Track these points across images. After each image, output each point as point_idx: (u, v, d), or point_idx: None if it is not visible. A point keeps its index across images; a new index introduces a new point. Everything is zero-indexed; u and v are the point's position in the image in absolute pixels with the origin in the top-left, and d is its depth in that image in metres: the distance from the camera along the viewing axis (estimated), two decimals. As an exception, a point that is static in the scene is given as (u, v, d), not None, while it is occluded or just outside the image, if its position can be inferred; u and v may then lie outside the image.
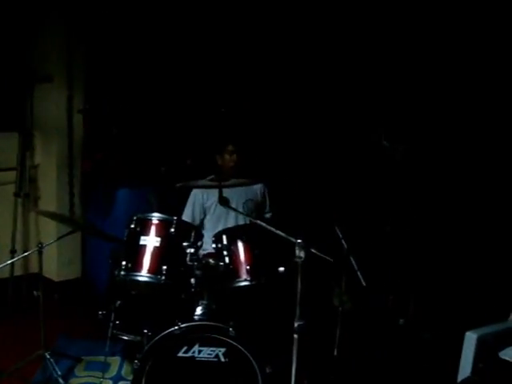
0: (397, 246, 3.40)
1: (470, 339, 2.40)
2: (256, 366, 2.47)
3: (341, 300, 3.15)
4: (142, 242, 2.76)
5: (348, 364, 3.05)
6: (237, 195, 3.41)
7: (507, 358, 2.31)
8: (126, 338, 2.88)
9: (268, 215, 3.70)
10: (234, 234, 2.83)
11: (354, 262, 2.55)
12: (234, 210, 2.95)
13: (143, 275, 2.69)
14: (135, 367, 2.52)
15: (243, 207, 3.46)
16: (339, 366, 2.90)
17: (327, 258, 2.27)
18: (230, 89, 4.55)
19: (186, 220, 3.36)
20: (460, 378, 2.46)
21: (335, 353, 2.83)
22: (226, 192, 2.94)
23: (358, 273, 2.55)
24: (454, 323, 2.56)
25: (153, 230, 2.80)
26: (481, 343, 2.41)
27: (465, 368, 2.40)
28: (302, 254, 2.19)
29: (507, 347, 2.40)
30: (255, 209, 3.55)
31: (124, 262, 2.71)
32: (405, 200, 3.54)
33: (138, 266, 2.71)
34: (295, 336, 2.37)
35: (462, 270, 3.70)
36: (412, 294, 3.51)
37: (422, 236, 3.65)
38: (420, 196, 3.79)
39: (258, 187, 3.63)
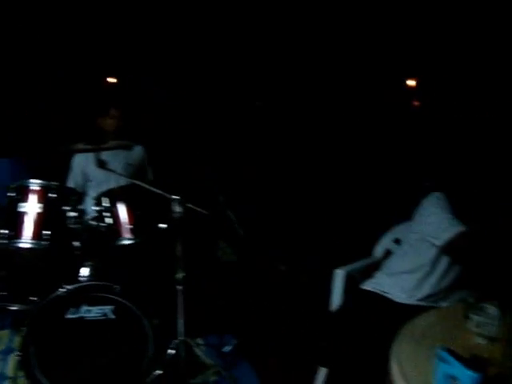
0: (270, 198, 3.63)
1: (338, 275, 2.67)
2: (144, 320, 2.59)
3: (224, 252, 3.33)
4: (21, 209, 2.71)
5: (233, 309, 3.27)
6: (116, 159, 3.44)
7: (366, 288, 2.62)
8: (13, 308, 2.84)
9: (148, 177, 3.76)
10: (114, 195, 2.87)
11: (231, 215, 2.70)
12: (113, 171, 2.99)
13: (25, 241, 2.65)
14: (23, 334, 2.51)
15: (123, 171, 3.50)
16: (225, 313, 3.10)
17: (203, 211, 2.41)
18: (113, 56, 4.51)
19: (70, 185, 3.35)
20: (332, 309, 2.73)
21: (219, 299, 3.02)
22: (106, 156, 2.98)
23: (236, 225, 2.71)
24: (327, 264, 2.80)
25: (32, 196, 2.75)
26: (348, 278, 2.69)
27: (335, 301, 2.67)
28: (179, 209, 2.32)
29: (368, 279, 2.71)
30: (135, 172, 3.60)
31: (4, 231, 2.67)
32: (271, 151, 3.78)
33: (19, 233, 2.67)
34: (179, 287, 2.52)
35: (329, 219, 4.03)
36: (289, 241, 3.78)
37: (290, 186, 3.91)
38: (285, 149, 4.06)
39: (137, 152, 3.68)
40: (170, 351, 2.63)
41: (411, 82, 6.99)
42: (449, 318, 2.09)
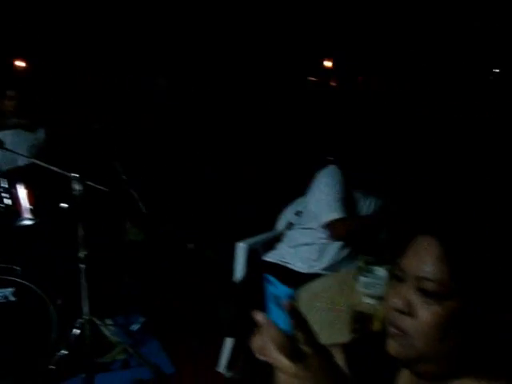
0: (173, 175, 3.68)
1: (241, 248, 2.76)
2: (46, 301, 2.56)
3: (131, 232, 3.34)
4: None
5: (140, 288, 3.30)
6: (18, 140, 3.34)
7: (268, 259, 2.74)
8: None
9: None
10: (12, 176, 2.80)
11: (134, 193, 2.71)
12: (10, 151, 2.91)
13: None
14: None
15: (26, 151, 3.41)
16: (129, 290, 3.12)
17: (103, 188, 2.41)
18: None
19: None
20: (235, 281, 2.82)
21: (126, 279, 3.03)
22: (5, 136, 2.91)
23: (140, 203, 2.72)
24: (233, 239, 2.88)
25: None
26: (250, 251, 2.79)
27: (238, 273, 2.76)
28: (79, 187, 2.31)
29: (270, 251, 2.83)
30: (39, 153, 3.52)
31: None
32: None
33: None
34: (81, 266, 2.50)
35: (234, 195, 4.15)
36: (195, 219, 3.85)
37: (192, 161, 4.00)
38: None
39: (40, 133, 3.59)
40: (74, 331, 2.61)
41: (328, 63, 7.26)
42: (342, 281, 2.24)
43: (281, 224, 3.07)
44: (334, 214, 2.57)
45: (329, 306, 1.96)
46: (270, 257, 2.78)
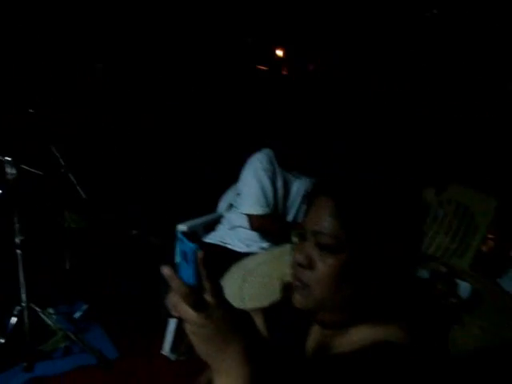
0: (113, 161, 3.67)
1: (181, 231, 2.78)
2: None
3: (72, 220, 3.30)
4: None
5: (83, 276, 3.27)
6: None
7: (208, 241, 2.78)
8: None
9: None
10: None
11: (72, 177, 2.68)
12: None
13: None
14: None
15: None
16: (71, 277, 3.10)
17: (38, 172, 2.38)
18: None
19: None
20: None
21: (67, 266, 3.00)
22: None
23: (78, 187, 2.70)
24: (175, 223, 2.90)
25: None
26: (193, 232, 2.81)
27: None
28: (13, 171, 2.28)
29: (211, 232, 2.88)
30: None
31: None
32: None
33: None
34: (18, 252, 2.47)
35: (177, 179, 4.17)
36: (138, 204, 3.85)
37: (131, 146, 4.00)
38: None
39: None
40: (12, 319, 2.58)
41: (279, 52, 7.34)
42: (278, 256, 2.30)
43: (222, 206, 3.11)
44: (253, 208, 2.65)
45: (264, 280, 2.01)
46: (211, 238, 2.83)
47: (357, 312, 0.95)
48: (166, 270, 0.83)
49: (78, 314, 3.10)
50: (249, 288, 1.95)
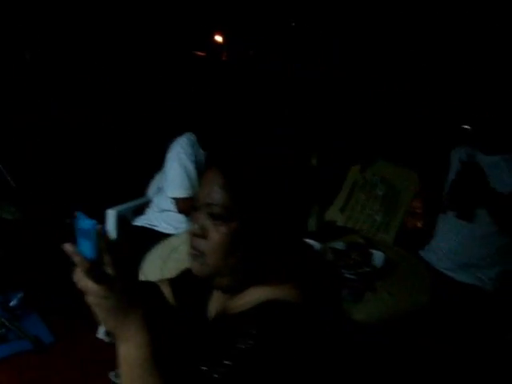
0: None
1: (110, 215, 2.82)
2: None
3: (5, 210, 3.27)
4: None
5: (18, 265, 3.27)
6: None
7: (137, 224, 2.83)
8: None
9: None
10: None
11: (2, 168, 2.66)
12: None
13: None
14: None
15: None
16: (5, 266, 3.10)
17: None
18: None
19: None
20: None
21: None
22: None
23: (8, 177, 2.69)
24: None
25: None
26: (120, 217, 2.85)
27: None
28: None
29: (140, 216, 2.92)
30: None
31: None
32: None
33: None
34: None
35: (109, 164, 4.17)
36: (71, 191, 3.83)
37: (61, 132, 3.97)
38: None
39: None
40: None
41: (218, 38, 7.34)
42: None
43: (151, 190, 3.15)
44: (178, 192, 2.72)
45: (186, 257, 2.07)
46: (139, 221, 2.87)
47: (250, 275, 1.02)
48: (67, 247, 0.88)
49: (13, 303, 3.09)
50: (172, 263, 2.02)
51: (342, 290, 1.94)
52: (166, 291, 1.32)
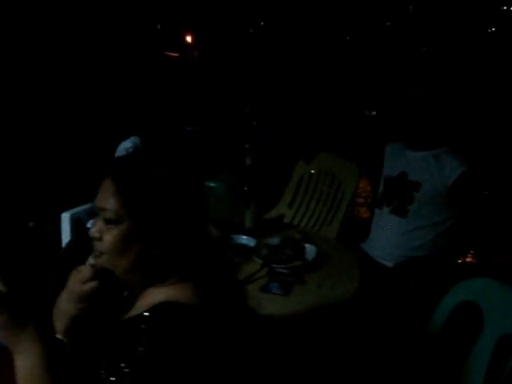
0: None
1: (65, 218, 2.91)
2: None
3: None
4: None
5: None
6: None
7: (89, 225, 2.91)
8: None
9: None
10: None
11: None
12: None
13: None
14: None
15: None
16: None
17: None
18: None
19: None
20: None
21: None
22: None
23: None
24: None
25: None
26: (74, 220, 2.94)
27: (64, 242, 2.91)
28: None
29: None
30: None
31: None
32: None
33: None
34: None
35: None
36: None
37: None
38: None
39: None
40: None
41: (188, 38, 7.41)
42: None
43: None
44: None
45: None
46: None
47: (148, 275, 1.13)
48: None
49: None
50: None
51: (272, 283, 2.08)
52: None
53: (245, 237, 2.39)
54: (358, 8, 5.64)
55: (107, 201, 1.10)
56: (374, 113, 5.13)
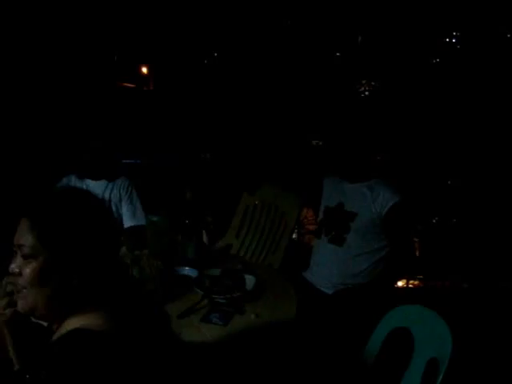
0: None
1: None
2: None
3: None
4: None
5: None
6: None
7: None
8: None
9: None
10: None
11: None
12: None
13: None
14: None
15: None
16: None
17: None
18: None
19: None
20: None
21: None
22: None
23: None
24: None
25: None
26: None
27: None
28: None
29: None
30: None
31: None
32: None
33: None
34: None
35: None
36: None
37: None
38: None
39: None
40: None
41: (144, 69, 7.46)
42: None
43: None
44: None
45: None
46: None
47: (66, 305, 1.19)
48: None
49: None
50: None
51: (213, 314, 2.15)
52: None
53: (187, 268, 2.46)
54: (306, 36, 5.80)
55: (24, 237, 1.17)
56: (320, 143, 5.29)
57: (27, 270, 1.16)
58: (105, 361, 1.08)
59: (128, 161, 4.53)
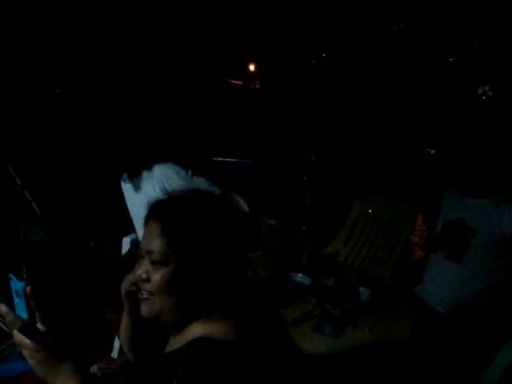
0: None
1: (126, 243, 3.05)
2: None
3: (35, 233, 3.52)
4: None
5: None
6: None
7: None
8: None
9: None
10: None
11: (27, 195, 2.91)
12: None
13: None
14: None
15: None
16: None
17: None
18: None
19: None
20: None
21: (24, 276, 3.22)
22: None
23: (33, 204, 2.92)
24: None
25: None
26: (135, 244, 3.07)
27: (123, 265, 3.05)
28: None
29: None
30: None
31: None
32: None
33: None
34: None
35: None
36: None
37: None
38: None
39: None
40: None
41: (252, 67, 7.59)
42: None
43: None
44: None
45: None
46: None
47: (192, 312, 1.17)
48: (1, 308, 1.04)
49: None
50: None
51: (325, 324, 2.12)
52: None
53: (300, 275, 2.44)
54: (420, 42, 5.60)
55: (153, 243, 1.15)
56: (432, 151, 5.07)
57: (156, 277, 1.15)
58: (233, 372, 1.06)
59: (237, 160, 4.55)
